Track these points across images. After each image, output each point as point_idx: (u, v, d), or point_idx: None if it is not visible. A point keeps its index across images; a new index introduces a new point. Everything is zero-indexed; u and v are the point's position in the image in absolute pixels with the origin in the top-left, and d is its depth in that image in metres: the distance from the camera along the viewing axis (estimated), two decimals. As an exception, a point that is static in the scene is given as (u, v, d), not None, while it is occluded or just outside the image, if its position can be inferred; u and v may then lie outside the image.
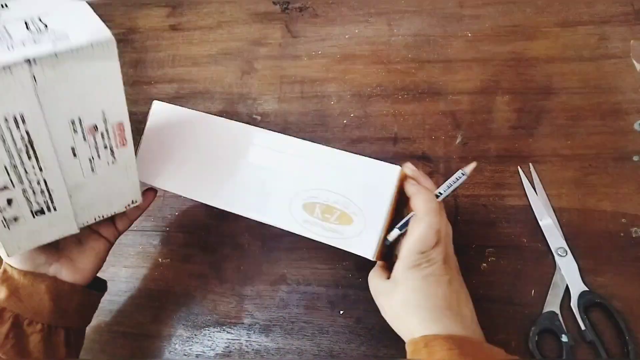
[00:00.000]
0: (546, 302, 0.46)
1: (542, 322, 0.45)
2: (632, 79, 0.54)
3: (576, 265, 0.47)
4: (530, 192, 0.50)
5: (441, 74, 0.58)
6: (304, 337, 0.50)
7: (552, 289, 0.46)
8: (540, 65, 0.56)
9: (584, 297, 0.45)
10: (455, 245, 0.50)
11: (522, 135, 0.54)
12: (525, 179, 0.51)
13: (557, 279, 0.47)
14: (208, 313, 0.52)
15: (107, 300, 0.54)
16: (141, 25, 0.71)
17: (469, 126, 0.55)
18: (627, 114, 0.53)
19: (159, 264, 0.55)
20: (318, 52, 0.63)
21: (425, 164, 0.54)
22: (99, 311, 0.53)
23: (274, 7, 0.68)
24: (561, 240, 0.48)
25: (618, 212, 0.49)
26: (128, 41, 0.70)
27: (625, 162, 0.51)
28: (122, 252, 0.57)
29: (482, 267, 0.49)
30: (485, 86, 0.57)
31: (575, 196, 0.50)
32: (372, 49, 0.62)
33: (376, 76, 0.60)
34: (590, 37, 0.57)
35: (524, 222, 0.50)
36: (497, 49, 0.58)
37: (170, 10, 0.71)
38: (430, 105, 0.57)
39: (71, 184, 0.39)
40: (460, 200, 0.52)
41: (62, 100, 0.35)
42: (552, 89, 0.55)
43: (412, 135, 0.56)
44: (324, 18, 0.65)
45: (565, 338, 0.44)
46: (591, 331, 0.44)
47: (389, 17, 0.63)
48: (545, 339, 0.45)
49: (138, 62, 0.68)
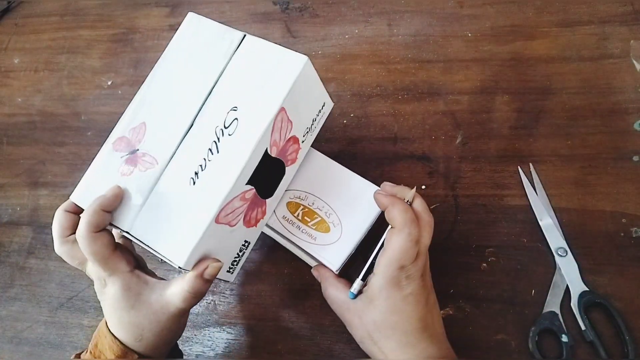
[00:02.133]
0: (546, 302, 0.46)
1: (542, 322, 0.45)
2: (632, 79, 0.54)
3: (576, 265, 0.47)
4: (530, 192, 0.50)
5: (441, 74, 0.58)
6: (304, 337, 0.50)
7: (552, 289, 0.46)
8: (540, 65, 0.56)
9: (584, 297, 0.45)
10: (455, 245, 0.50)
11: (522, 135, 0.54)
12: (525, 179, 0.51)
13: (557, 279, 0.47)
14: (208, 313, 0.52)
15: (107, 300, 0.54)
16: (141, 25, 0.71)
17: (469, 126, 0.55)
18: (627, 114, 0.53)
19: (159, 264, 0.55)
20: (318, 52, 0.63)
21: (425, 164, 0.54)
22: (99, 311, 0.53)
23: (274, 7, 0.68)
24: (561, 240, 0.48)
25: (618, 212, 0.49)
26: (128, 41, 0.70)
27: (625, 162, 0.51)
28: (122, 252, 0.57)
29: (482, 267, 0.49)
30: (485, 86, 0.57)
31: (575, 196, 0.50)
32: (372, 49, 0.62)
33: (376, 76, 0.60)
34: (590, 37, 0.57)
35: (524, 222, 0.50)
36: (496, 49, 0.58)
37: (170, 10, 0.71)
38: (430, 105, 0.57)
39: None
40: (460, 200, 0.52)
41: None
42: (552, 89, 0.55)
43: (412, 135, 0.56)
44: (324, 18, 0.65)
45: (565, 338, 0.44)
46: (591, 331, 0.44)
47: (389, 17, 0.63)
48: (545, 339, 0.45)
49: (138, 62, 0.68)
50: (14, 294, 0.57)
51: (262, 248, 0.54)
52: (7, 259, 0.59)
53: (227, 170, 0.36)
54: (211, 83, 0.40)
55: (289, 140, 0.41)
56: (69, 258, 0.42)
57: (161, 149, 0.39)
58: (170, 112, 0.40)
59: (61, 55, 0.71)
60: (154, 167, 0.39)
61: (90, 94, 0.67)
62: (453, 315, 0.47)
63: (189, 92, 0.40)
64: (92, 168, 0.41)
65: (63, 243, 0.42)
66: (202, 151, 0.38)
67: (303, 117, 0.42)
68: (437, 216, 0.51)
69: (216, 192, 0.36)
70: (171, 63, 0.43)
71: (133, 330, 0.39)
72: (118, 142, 0.41)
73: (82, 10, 0.75)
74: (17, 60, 0.73)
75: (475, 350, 0.45)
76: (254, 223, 0.42)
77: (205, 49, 0.42)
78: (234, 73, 0.40)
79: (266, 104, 0.38)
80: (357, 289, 0.39)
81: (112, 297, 0.39)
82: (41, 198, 0.62)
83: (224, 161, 0.37)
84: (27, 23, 0.76)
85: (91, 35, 0.72)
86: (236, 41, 0.41)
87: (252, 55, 0.40)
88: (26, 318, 0.55)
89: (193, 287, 0.37)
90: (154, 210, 0.38)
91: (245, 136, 0.37)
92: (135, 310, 0.39)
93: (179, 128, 0.39)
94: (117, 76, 0.64)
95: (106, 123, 0.64)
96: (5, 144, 0.67)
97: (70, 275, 0.57)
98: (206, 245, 0.37)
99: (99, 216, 0.37)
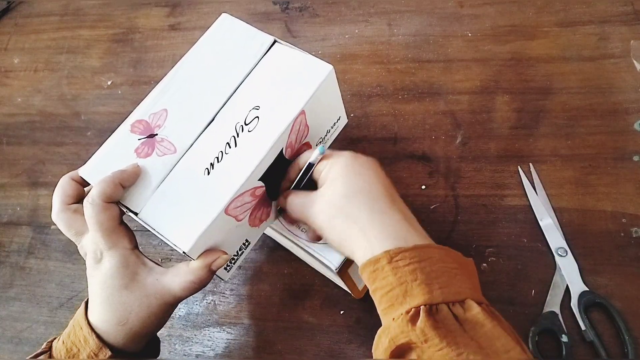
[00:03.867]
0: (546, 302, 0.46)
1: (542, 322, 0.45)
2: (632, 79, 0.54)
3: (576, 265, 0.47)
4: (530, 192, 0.50)
5: (441, 74, 0.58)
6: (304, 337, 0.50)
7: (552, 289, 0.46)
8: (540, 65, 0.56)
9: (584, 297, 0.45)
10: (455, 246, 0.50)
11: (522, 135, 0.54)
12: (525, 179, 0.51)
13: (557, 279, 0.47)
14: (208, 313, 0.52)
15: (107, 300, 0.54)
16: (141, 25, 0.71)
17: (469, 126, 0.55)
18: (627, 114, 0.53)
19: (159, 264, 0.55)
20: (318, 52, 0.63)
21: (425, 164, 0.54)
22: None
23: (274, 7, 0.68)
24: (561, 240, 0.48)
25: (618, 212, 0.49)
26: (128, 41, 0.70)
27: (625, 162, 0.51)
28: (122, 252, 0.57)
29: (482, 267, 0.49)
30: (485, 86, 0.57)
31: (575, 196, 0.50)
32: (372, 49, 0.62)
33: (376, 76, 0.60)
34: (590, 37, 0.57)
35: (524, 222, 0.50)
36: (496, 49, 0.58)
37: (170, 10, 0.71)
38: (430, 105, 0.57)
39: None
40: (460, 200, 0.52)
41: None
42: (552, 89, 0.55)
43: (412, 135, 0.56)
44: (324, 18, 0.65)
45: (565, 338, 0.44)
46: (591, 331, 0.44)
47: (389, 17, 0.63)
48: (545, 339, 0.45)
49: (138, 62, 0.68)
50: (14, 294, 0.57)
51: (262, 248, 0.54)
52: (7, 259, 0.59)
53: (243, 163, 0.38)
54: (237, 81, 0.41)
55: (303, 145, 0.43)
56: (66, 227, 0.41)
57: (181, 137, 0.40)
58: (194, 103, 0.41)
59: (61, 55, 0.71)
60: (171, 154, 0.39)
61: (90, 94, 0.67)
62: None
63: (215, 87, 0.42)
64: (105, 146, 0.41)
65: (64, 210, 0.40)
66: (221, 144, 0.39)
67: (320, 124, 0.44)
68: (437, 216, 0.51)
69: (230, 183, 0.37)
70: (199, 58, 0.44)
71: (120, 311, 0.37)
72: (137, 124, 0.41)
73: (82, 10, 0.75)
74: (17, 60, 0.73)
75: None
76: (258, 223, 0.42)
77: (235, 48, 0.43)
78: (261, 74, 0.42)
79: (288, 105, 0.39)
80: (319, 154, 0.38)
81: (105, 273, 0.38)
82: (41, 198, 0.62)
83: (241, 155, 0.38)
84: (27, 23, 0.76)
85: (91, 35, 0.72)
86: (266, 45, 0.43)
87: (280, 59, 0.42)
88: (26, 318, 0.55)
89: (199, 277, 0.37)
90: (166, 195, 0.38)
91: (265, 133, 0.38)
92: (127, 291, 0.38)
93: (201, 120, 0.40)
94: (117, 76, 0.64)
95: (106, 123, 0.64)
96: (5, 144, 0.67)
97: (70, 275, 0.57)
98: (212, 236, 0.37)
99: (114, 188, 0.37)
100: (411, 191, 0.53)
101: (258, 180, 0.39)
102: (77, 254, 0.58)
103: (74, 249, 0.58)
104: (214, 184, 0.38)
